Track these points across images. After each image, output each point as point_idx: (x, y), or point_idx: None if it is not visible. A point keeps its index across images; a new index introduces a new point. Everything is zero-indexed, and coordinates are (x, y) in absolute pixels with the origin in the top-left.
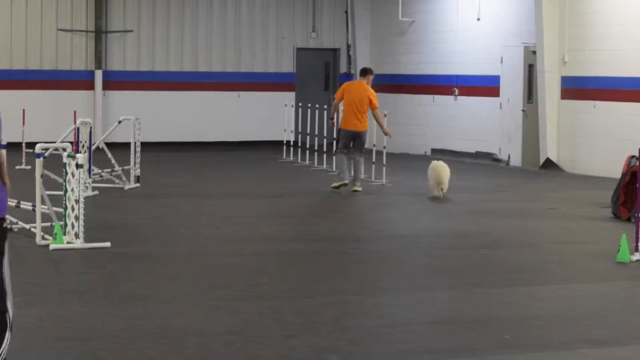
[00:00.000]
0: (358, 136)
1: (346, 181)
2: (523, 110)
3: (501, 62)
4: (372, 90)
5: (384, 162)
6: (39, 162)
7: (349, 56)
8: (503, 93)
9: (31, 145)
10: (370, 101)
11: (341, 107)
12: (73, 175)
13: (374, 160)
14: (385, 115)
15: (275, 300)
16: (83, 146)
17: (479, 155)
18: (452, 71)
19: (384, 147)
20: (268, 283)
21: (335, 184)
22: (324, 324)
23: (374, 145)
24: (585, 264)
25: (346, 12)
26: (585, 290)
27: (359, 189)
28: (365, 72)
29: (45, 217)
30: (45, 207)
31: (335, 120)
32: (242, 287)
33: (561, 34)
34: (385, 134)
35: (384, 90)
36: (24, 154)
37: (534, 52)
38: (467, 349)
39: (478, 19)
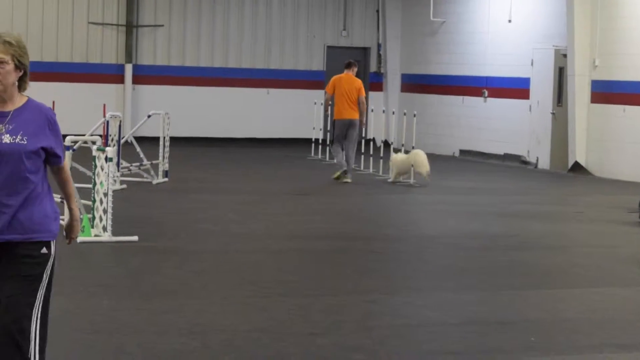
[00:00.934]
0: (352, 125)
1: (345, 168)
2: (552, 113)
3: (531, 64)
4: (359, 81)
5: (412, 162)
6: (68, 154)
7: (379, 55)
8: (533, 95)
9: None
10: (359, 90)
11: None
12: (102, 169)
13: None
14: (414, 116)
15: (302, 298)
16: (112, 140)
17: (507, 157)
18: (482, 72)
19: (413, 147)
20: (295, 281)
21: (336, 174)
22: (350, 323)
23: (403, 145)
24: (613, 268)
25: (377, 11)
26: (612, 294)
27: (349, 180)
28: (349, 64)
29: None
30: None
31: (328, 113)
32: (268, 284)
33: (592, 38)
34: (361, 123)
35: (413, 90)
36: None
37: (565, 55)
38: (493, 351)
39: (509, 21)
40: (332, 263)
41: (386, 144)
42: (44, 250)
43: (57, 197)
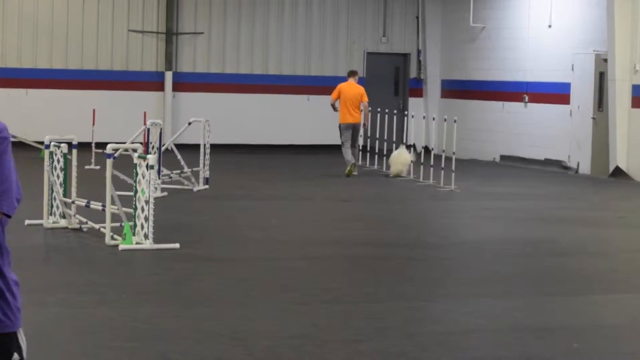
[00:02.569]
0: (355, 128)
1: (353, 162)
2: (593, 118)
3: (572, 69)
4: (361, 87)
5: (453, 168)
6: (109, 162)
7: (419, 61)
8: (573, 100)
9: (101, 145)
10: (362, 96)
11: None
12: (143, 176)
13: (442, 166)
14: (455, 121)
15: (343, 304)
16: (153, 147)
17: (547, 162)
18: (522, 78)
19: (453, 153)
20: (336, 287)
21: (347, 170)
22: (392, 330)
23: (443, 151)
24: None
25: (417, 17)
26: None
27: (355, 173)
28: (352, 73)
29: (115, 218)
30: (115, 207)
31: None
32: (310, 290)
33: (633, 42)
34: (364, 125)
35: (453, 96)
36: (93, 154)
37: (605, 60)
38: (535, 357)
39: (549, 26)
40: (373, 270)
41: (427, 150)
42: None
43: (97, 205)
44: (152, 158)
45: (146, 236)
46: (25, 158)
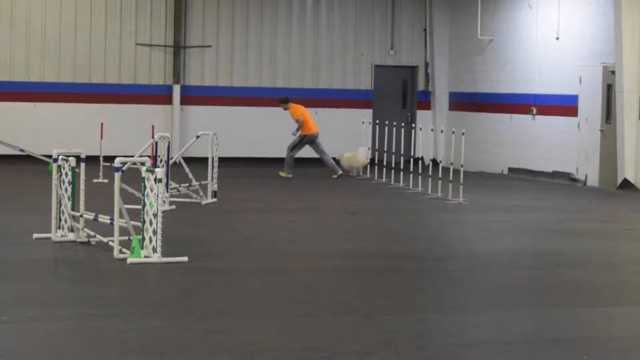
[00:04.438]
0: (317, 136)
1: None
2: (601, 130)
3: (580, 81)
4: None
5: (461, 180)
6: (117, 176)
7: (427, 74)
8: (581, 113)
9: (109, 158)
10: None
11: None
12: (151, 190)
13: (451, 178)
14: (463, 134)
15: (353, 316)
16: (161, 160)
17: (556, 174)
18: (530, 90)
19: (461, 166)
20: (345, 299)
21: (337, 174)
22: (403, 342)
23: (451, 164)
24: None
25: (425, 30)
26: None
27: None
28: (287, 100)
29: (123, 231)
30: (124, 220)
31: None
32: (319, 303)
33: None
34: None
35: (461, 109)
36: (101, 168)
37: (613, 72)
38: None
39: (557, 38)
40: (382, 282)
41: (434, 163)
42: None
43: (106, 218)
44: (160, 171)
45: (154, 249)
46: (33, 172)
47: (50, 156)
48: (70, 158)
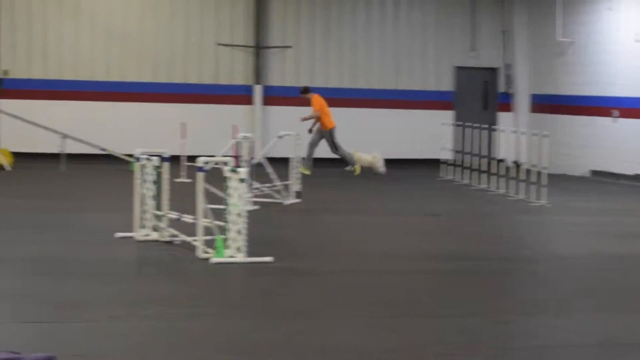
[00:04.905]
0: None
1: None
2: None
3: None
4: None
5: (544, 182)
6: (200, 175)
7: (507, 76)
8: None
9: (191, 158)
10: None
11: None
12: (235, 190)
13: (534, 180)
14: (545, 136)
15: (435, 318)
16: (244, 160)
17: (638, 177)
18: (612, 93)
19: (544, 168)
20: (428, 302)
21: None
22: (487, 345)
23: (534, 166)
24: None
25: (504, 31)
26: None
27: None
28: (307, 89)
29: (207, 231)
30: (207, 220)
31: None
32: (401, 304)
33: None
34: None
35: (543, 111)
36: (183, 167)
37: None
38: None
39: (637, 41)
40: (464, 284)
41: (516, 165)
42: None
43: (189, 218)
44: (243, 171)
45: (239, 249)
46: (115, 171)
47: (131, 155)
48: (154, 157)
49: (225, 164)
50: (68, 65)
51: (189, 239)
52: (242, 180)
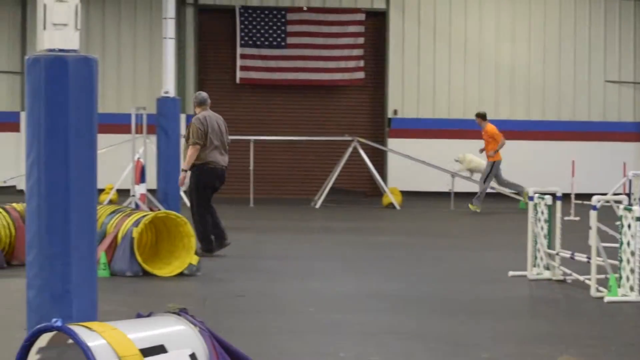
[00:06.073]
0: None
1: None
2: None
3: None
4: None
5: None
6: (594, 214)
7: None
8: None
9: (579, 196)
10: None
11: None
12: (629, 228)
13: None
14: None
15: None
16: (635, 199)
17: None
18: None
19: None
20: None
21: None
22: None
23: None
24: None
25: None
26: None
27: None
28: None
29: (600, 269)
30: (600, 259)
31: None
32: None
33: None
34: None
35: None
36: (572, 205)
37: None
38: None
39: None
40: None
41: None
42: None
43: (582, 256)
44: (637, 210)
45: (632, 288)
46: (505, 209)
47: (518, 194)
48: (546, 196)
49: (620, 202)
50: (456, 104)
51: (581, 277)
52: (638, 219)
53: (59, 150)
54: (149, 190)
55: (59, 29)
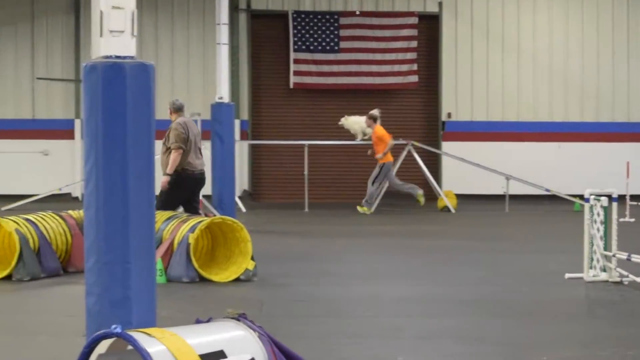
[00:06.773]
0: None
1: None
2: None
3: None
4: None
5: None
6: None
7: None
8: None
9: (635, 197)
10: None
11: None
12: None
13: None
14: None
15: None
16: None
17: None
18: None
19: None
20: None
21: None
22: None
23: None
24: None
25: None
26: None
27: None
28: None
29: None
30: None
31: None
32: None
33: None
34: None
35: None
36: (628, 207)
37: None
38: None
39: None
40: None
41: None
42: None
43: (638, 258)
44: None
45: None
46: (559, 211)
47: (575, 195)
48: (602, 198)
49: None
50: (510, 107)
51: (638, 279)
52: None
53: (117, 156)
54: (204, 196)
55: (115, 35)
